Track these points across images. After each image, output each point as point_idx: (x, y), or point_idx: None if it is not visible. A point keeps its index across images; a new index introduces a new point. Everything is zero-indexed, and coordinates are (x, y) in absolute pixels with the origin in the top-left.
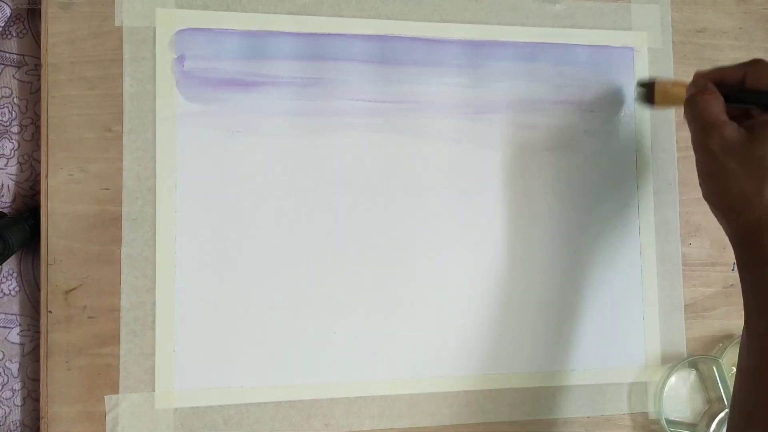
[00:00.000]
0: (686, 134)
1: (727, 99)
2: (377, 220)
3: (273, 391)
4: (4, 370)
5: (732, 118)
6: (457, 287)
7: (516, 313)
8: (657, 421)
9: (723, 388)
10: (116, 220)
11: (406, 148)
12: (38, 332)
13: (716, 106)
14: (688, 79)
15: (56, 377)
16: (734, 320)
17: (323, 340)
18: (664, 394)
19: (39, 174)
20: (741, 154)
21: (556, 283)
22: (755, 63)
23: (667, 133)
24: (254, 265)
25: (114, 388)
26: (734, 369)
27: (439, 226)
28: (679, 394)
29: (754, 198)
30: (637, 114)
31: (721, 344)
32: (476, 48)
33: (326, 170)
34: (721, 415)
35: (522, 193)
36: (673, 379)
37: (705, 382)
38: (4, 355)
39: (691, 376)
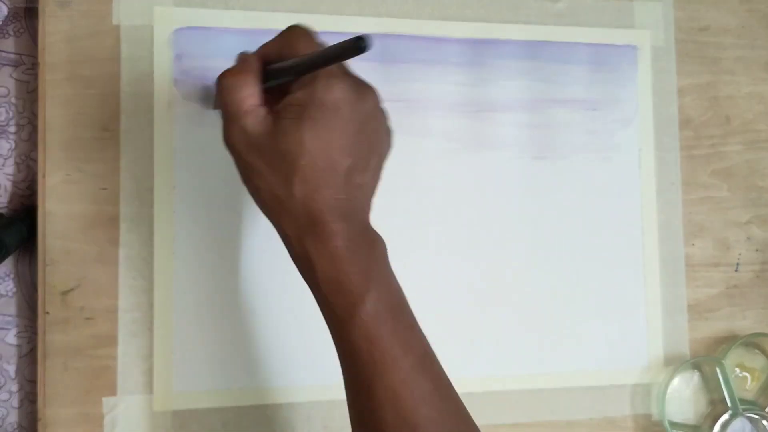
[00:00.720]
0: (689, 134)
1: (268, 79)
2: (376, 219)
3: (272, 393)
4: (1, 372)
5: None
6: (457, 288)
7: (517, 314)
8: (660, 423)
9: (726, 389)
10: (114, 221)
11: (406, 147)
12: (35, 334)
13: (244, 89)
14: (691, 79)
15: (53, 379)
16: (738, 321)
17: (322, 341)
18: (667, 395)
19: (36, 174)
20: (265, 150)
21: (557, 283)
22: (290, 29)
23: (670, 133)
24: (253, 266)
25: (112, 390)
26: (738, 370)
27: (439, 225)
28: (682, 395)
29: (286, 200)
30: (640, 113)
31: (724, 345)
32: (477, 46)
33: None
34: (725, 416)
35: (523, 192)
36: (675, 381)
37: (708, 384)
38: (1, 357)
39: (694, 377)
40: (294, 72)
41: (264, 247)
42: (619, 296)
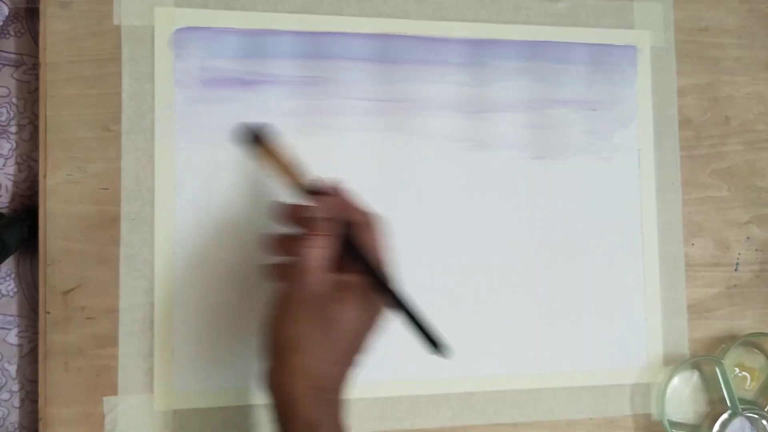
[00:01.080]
0: (689, 134)
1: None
2: None
3: None
4: (2, 372)
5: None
6: (457, 288)
7: (518, 314)
8: (659, 423)
9: (726, 389)
10: (115, 221)
11: (406, 147)
12: (36, 333)
13: (319, 249)
14: (691, 79)
15: (55, 378)
16: (737, 321)
17: None
18: (667, 395)
19: (37, 174)
20: (319, 310)
21: (557, 283)
22: (366, 220)
23: (670, 133)
24: (254, 266)
25: (113, 390)
26: (737, 370)
27: (439, 225)
28: (682, 395)
29: (315, 357)
30: (639, 113)
31: (723, 345)
32: (477, 46)
33: (326, 169)
34: (724, 416)
35: (523, 192)
36: (675, 381)
37: (707, 384)
38: (2, 357)
39: (694, 377)
40: (359, 260)
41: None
42: (619, 296)
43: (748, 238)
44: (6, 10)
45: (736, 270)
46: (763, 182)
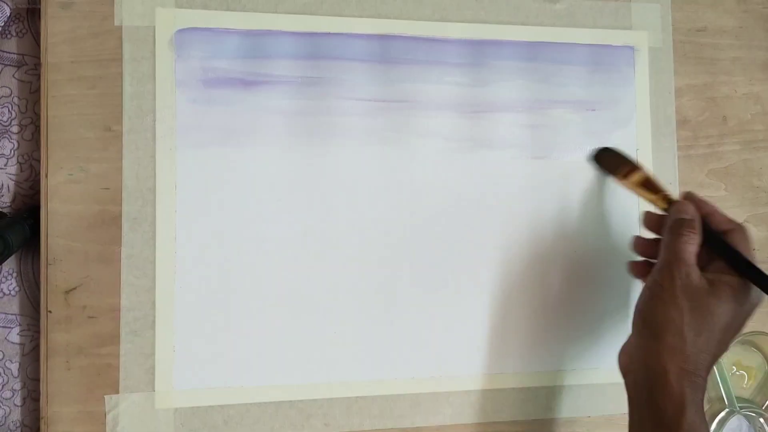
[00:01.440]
0: (687, 134)
1: (705, 241)
2: (377, 219)
3: (273, 390)
4: (4, 370)
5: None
6: (457, 287)
7: (517, 313)
8: None
9: (723, 388)
10: (116, 220)
11: (406, 147)
12: (38, 332)
13: (693, 246)
14: (689, 79)
15: (56, 377)
16: None
17: (323, 339)
18: None
19: (38, 174)
20: (696, 300)
21: (557, 282)
22: (741, 228)
23: (668, 133)
24: (254, 265)
25: (114, 388)
26: (734, 368)
27: (439, 225)
28: None
29: (687, 345)
30: (637, 113)
31: None
32: (476, 47)
33: (326, 169)
34: (722, 414)
35: (522, 192)
36: None
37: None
38: (3, 355)
39: None
40: (734, 263)
41: (265, 246)
42: (618, 295)
43: None
44: (7, 11)
45: None
46: (760, 182)
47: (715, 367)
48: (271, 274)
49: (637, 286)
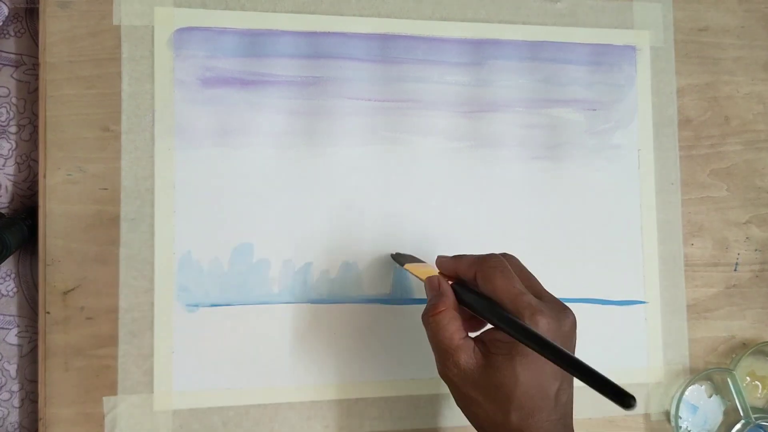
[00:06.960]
0: (689, 134)
1: (463, 303)
2: (377, 218)
3: (272, 392)
4: (2, 372)
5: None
6: None
7: None
8: (659, 422)
9: (738, 399)
10: (114, 221)
11: (406, 147)
12: (36, 333)
13: (451, 325)
14: (690, 79)
15: (54, 379)
16: (737, 321)
17: (322, 341)
18: (681, 405)
19: (37, 174)
20: (479, 383)
21: (556, 282)
22: (483, 261)
23: (669, 132)
24: (253, 265)
25: (112, 390)
26: (748, 379)
27: (439, 223)
28: (695, 405)
29: (503, 426)
30: (639, 113)
31: (734, 355)
32: (477, 46)
33: (326, 168)
34: (738, 426)
35: (522, 192)
36: (688, 392)
37: (720, 393)
38: (2, 357)
39: (706, 387)
40: (497, 319)
41: (264, 246)
42: (618, 295)
43: (747, 238)
44: (6, 10)
45: (735, 270)
46: (763, 182)
47: (729, 379)
48: (269, 274)
49: (642, 285)
